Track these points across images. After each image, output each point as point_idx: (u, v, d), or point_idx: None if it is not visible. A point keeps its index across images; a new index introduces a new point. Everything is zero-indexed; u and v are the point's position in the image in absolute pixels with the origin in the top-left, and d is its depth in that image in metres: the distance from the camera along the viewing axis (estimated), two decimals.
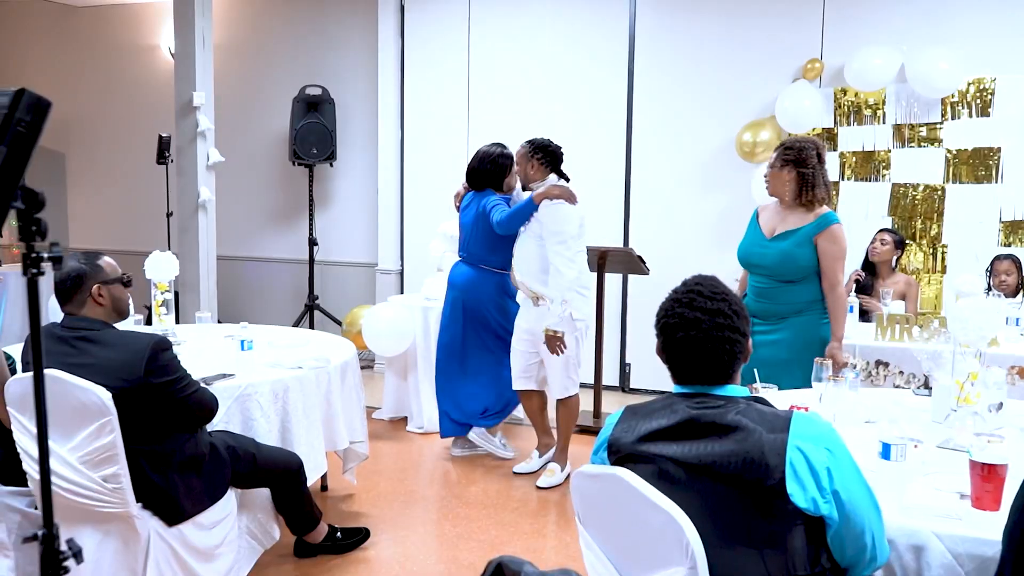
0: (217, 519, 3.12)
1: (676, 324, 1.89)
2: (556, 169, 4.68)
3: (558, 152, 4.70)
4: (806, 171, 3.84)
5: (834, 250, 3.78)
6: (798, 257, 3.80)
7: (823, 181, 3.88)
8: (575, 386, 4.74)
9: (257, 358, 3.79)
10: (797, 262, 3.81)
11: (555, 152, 4.69)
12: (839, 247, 3.79)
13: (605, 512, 1.97)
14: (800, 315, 3.86)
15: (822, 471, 1.75)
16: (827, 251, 3.78)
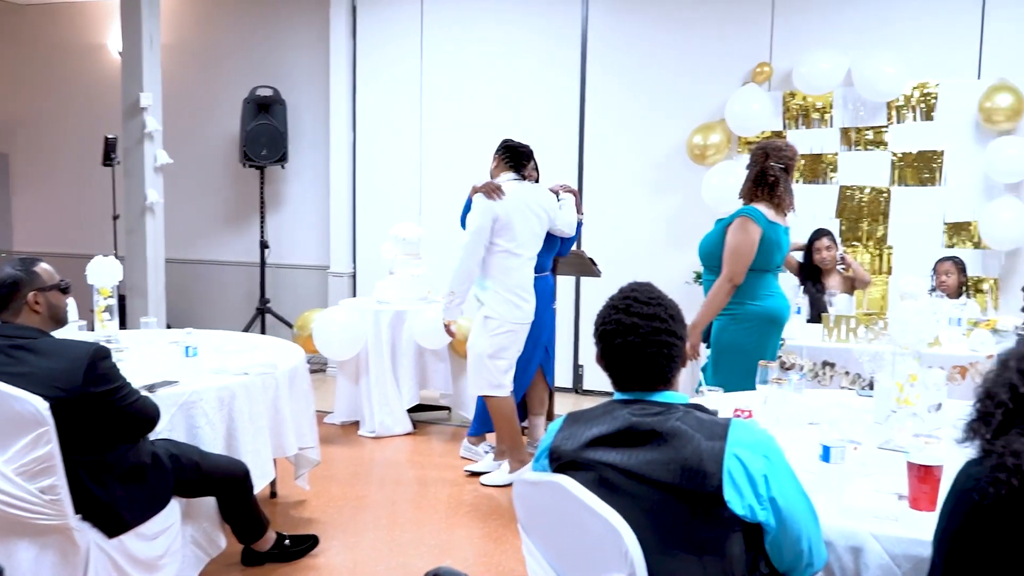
0: (160, 529, 3.06)
1: (613, 331, 1.90)
2: (516, 168, 4.67)
3: (519, 152, 4.70)
4: (762, 174, 3.95)
5: (729, 240, 3.86)
6: (709, 245, 4.00)
7: (785, 187, 3.94)
8: (493, 388, 4.63)
9: (202, 364, 3.73)
10: (706, 248, 4.02)
11: (516, 151, 4.70)
12: (734, 239, 3.83)
13: (547, 519, 1.97)
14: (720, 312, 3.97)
15: (759, 478, 1.76)
16: (726, 241, 3.88)
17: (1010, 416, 1.57)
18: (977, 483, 1.59)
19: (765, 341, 3.92)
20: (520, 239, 4.57)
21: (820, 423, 2.97)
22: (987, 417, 1.65)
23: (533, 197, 4.68)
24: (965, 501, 1.63)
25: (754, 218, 3.84)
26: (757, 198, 3.93)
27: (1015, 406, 1.57)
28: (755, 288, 3.89)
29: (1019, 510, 1.49)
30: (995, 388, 1.63)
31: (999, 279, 5.78)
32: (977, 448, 1.68)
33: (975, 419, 1.71)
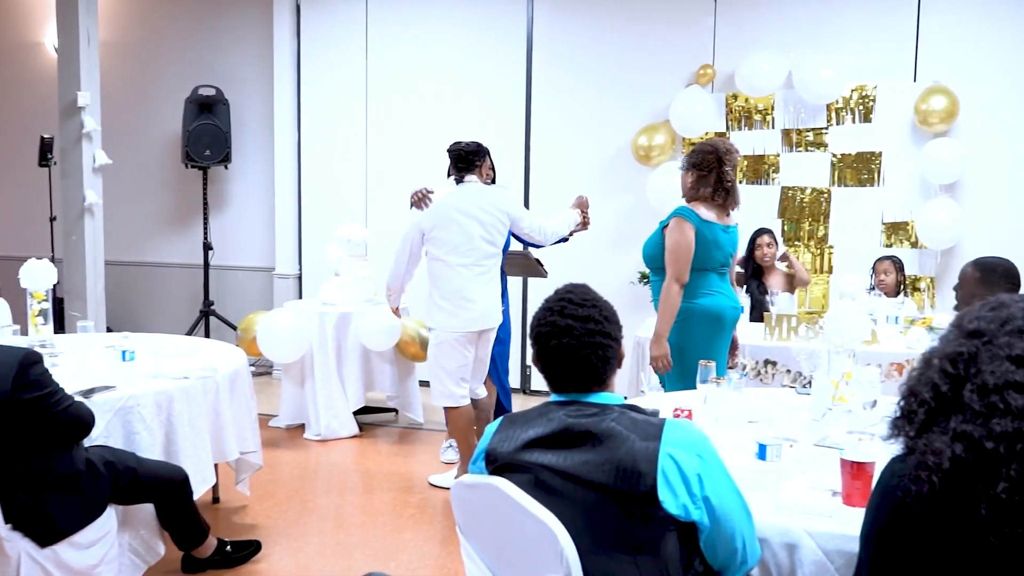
0: (95, 538, 3.00)
1: (549, 332, 1.90)
2: (458, 171, 4.57)
3: (459, 155, 4.55)
4: (705, 174, 4.00)
5: (667, 242, 3.91)
6: (650, 247, 4.06)
7: (728, 186, 4.00)
8: (444, 398, 4.58)
9: (140, 368, 3.66)
10: (648, 251, 4.07)
11: (456, 155, 4.57)
12: (671, 239, 3.89)
13: (484, 522, 1.97)
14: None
15: (693, 478, 1.78)
16: (665, 243, 3.93)
17: (932, 414, 1.60)
18: (901, 480, 1.62)
19: (710, 340, 3.94)
20: (453, 245, 4.44)
21: (758, 421, 3.02)
22: (910, 415, 1.68)
23: (474, 200, 4.50)
24: (889, 498, 1.66)
25: (687, 217, 3.89)
26: (698, 199, 3.97)
27: (937, 404, 1.59)
28: (695, 287, 3.92)
29: (939, 508, 1.52)
30: (918, 386, 1.66)
31: (935, 278, 5.92)
32: (901, 445, 1.72)
33: (899, 416, 1.73)
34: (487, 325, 4.58)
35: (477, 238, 4.47)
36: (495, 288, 4.59)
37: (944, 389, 1.58)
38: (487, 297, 4.53)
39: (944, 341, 1.69)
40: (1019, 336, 1.52)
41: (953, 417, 1.55)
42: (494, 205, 4.53)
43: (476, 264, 4.49)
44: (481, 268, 4.50)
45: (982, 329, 1.57)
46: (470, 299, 4.48)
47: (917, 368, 1.74)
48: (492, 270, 4.56)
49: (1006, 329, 1.53)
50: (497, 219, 4.54)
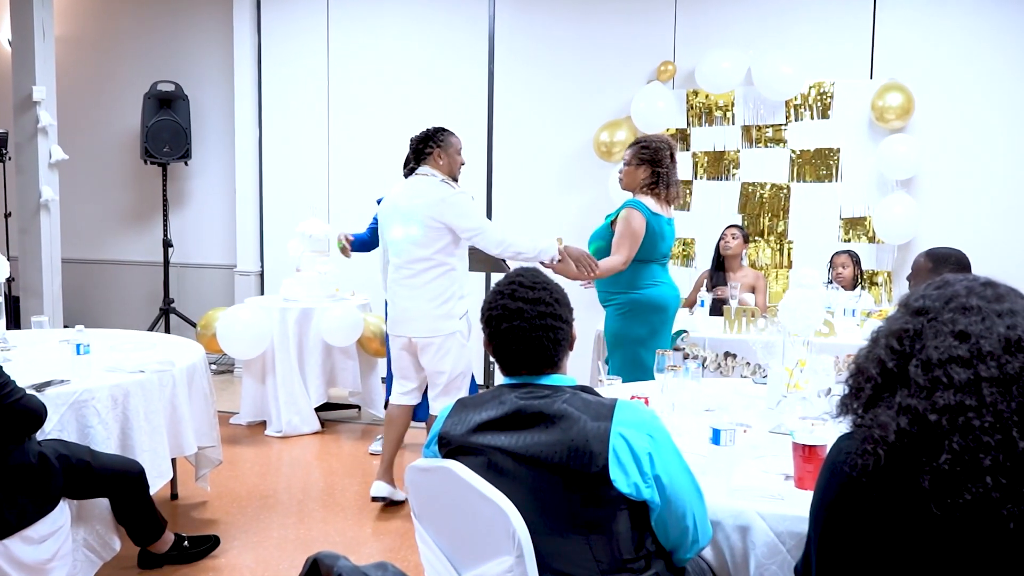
0: (48, 532, 2.95)
1: (500, 315, 1.91)
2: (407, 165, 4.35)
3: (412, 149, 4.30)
4: (660, 170, 4.08)
5: (621, 228, 4.00)
6: (598, 239, 4.15)
7: (675, 180, 4.12)
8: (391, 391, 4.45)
9: (96, 362, 3.62)
10: (595, 243, 4.14)
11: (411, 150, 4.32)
12: (625, 226, 3.98)
13: (438, 505, 1.97)
14: (607, 304, 4.16)
15: (644, 457, 1.79)
16: (617, 230, 4.02)
17: (878, 390, 1.63)
18: (848, 456, 1.64)
19: (656, 330, 4.04)
20: (387, 243, 4.28)
21: (715, 410, 3.05)
22: (857, 392, 1.70)
23: (406, 196, 4.14)
24: (837, 474, 1.68)
25: (640, 209, 4.00)
26: (645, 192, 4.08)
27: (883, 380, 1.62)
28: (641, 277, 4.03)
29: (885, 481, 1.55)
30: (865, 364, 1.68)
31: (892, 272, 6.00)
32: (849, 423, 1.74)
33: (847, 394, 1.76)
34: (408, 333, 4.16)
35: (403, 239, 4.12)
36: (425, 296, 4.09)
37: (890, 365, 1.61)
38: (410, 304, 4.12)
39: (891, 320, 1.72)
40: (963, 313, 1.55)
41: (899, 392, 1.58)
42: (422, 205, 4.05)
43: (403, 266, 4.14)
44: (408, 271, 4.11)
45: (927, 307, 1.60)
46: (392, 301, 4.24)
47: (865, 347, 1.77)
48: (421, 275, 4.09)
49: (950, 307, 1.57)
50: (425, 222, 4.04)
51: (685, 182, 6.32)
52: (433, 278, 4.09)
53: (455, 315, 4.15)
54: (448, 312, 4.13)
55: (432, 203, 4.05)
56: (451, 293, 4.13)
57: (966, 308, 1.56)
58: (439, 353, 4.15)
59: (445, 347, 4.14)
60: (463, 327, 4.19)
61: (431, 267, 4.08)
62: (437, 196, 4.06)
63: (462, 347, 4.20)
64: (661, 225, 4.06)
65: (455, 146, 4.28)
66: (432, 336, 4.13)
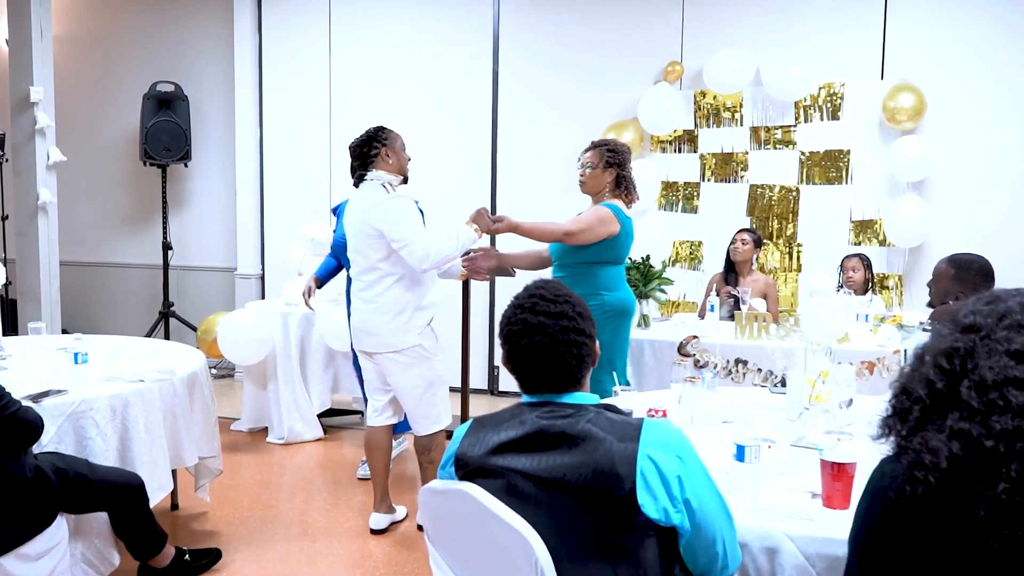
0: (44, 549, 2.86)
1: (520, 330, 1.81)
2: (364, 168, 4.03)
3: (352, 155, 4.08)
4: (624, 173, 4.12)
5: (590, 216, 4.01)
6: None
7: (634, 183, 4.21)
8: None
9: (94, 371, 3.52)
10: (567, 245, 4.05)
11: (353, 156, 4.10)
12: (596, 218, 3.98)
13: (453, 529, 1.87)
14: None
15: (673, 480, 1.70)
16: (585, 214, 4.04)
17: (927, 412, 1.53)
18: (893, 481, 1.55)
19: (618, 333, 3.99)
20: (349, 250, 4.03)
21: (733, 421, 2.96)
22: (903, 413, 1.61)
23: (353, 206, 3.95)
24: (880, 499, 1.59)
25: (616, 213, 4.00)
26: (615, 195, 4.10)
27: (932, 402, 1.53)
28: (610, 280, 4.02)
29: (935, 509, 1.46)
30: (911, 383, 1.59)
31: (903, 275, 5.91)
32: (892, 445, 1.65)
33: (890, 415, 1.67)
34: (367, 348, 3.93)
35: (352, 250, 3.94)
36: (379, 308, 3.85)
37: (940, 386, 1.52)
38: (365, 316, 3.89)
39: (938, 336, 1.63)
40: (1018, 330, 1.45)
41: (949, 415, 1.49)
42: (360, 213, 3.86)
43: (356, 278, 3.95)
44: (360, 283, 3.91)
45: (978, 324, 1.50)
46: (352, 315, 4.04)
47: (909, 364, 1.67)
48: (373, 287, 3.85)
49: (1004, 323, 1.47)
50: (364, 229, 3.84)
51: (693, 184, 6.23)
52: (385, 289, 3.84)
53: (413, 327, 3.85)
54: (404, 324, 3.84)
55: (368, 209, 3.82)
56: (405, 304, 3.84)
57: (1022, 325, 1.47)
58: (400, 368, 3.88)
59: (405, 362, 3.87)
60: (426, 340, 3.91)
61: (380, 277, 3.84)
62: (372, 202, 3.83)
63: (426, 360, 3.92)
64: (631, 227, 4.07)
65: (400, 141, 4.08)
66: (390, 351, 3.87)
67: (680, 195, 6.26)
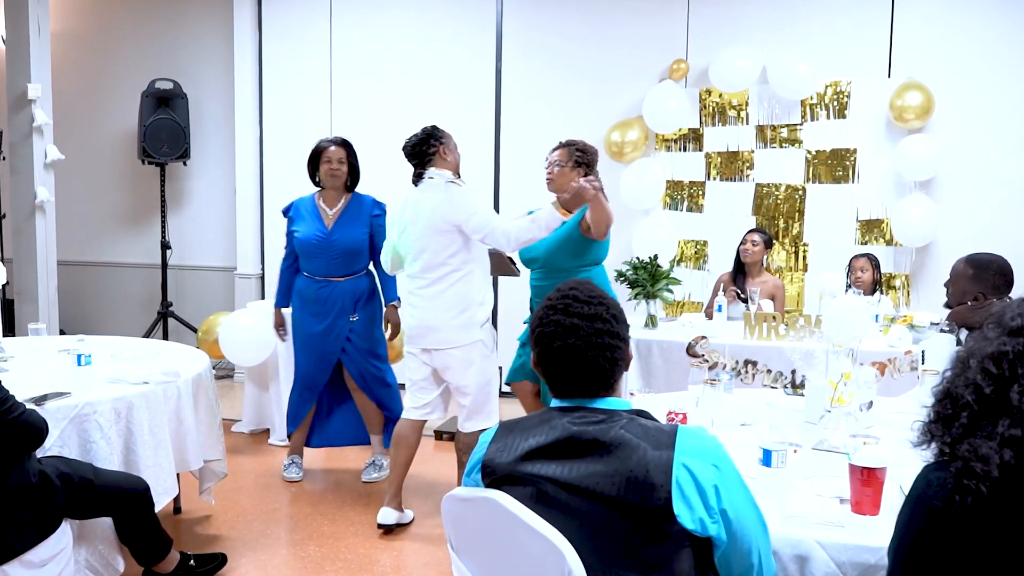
0: (48, 555, 2.79)
1: (553, 332, 1.75)
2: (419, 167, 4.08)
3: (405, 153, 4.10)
4: (592, 173, 4.16)
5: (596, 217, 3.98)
6: (566, 242, 4.08)
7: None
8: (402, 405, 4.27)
9: (97, 374, 3.45)
10: (566, 247, 4.07)
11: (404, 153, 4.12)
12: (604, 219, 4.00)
13: (480, 538, 1.81)
14: None
15: (709, 489, 1.64)
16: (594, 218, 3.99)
17: (975, 418, 1.48)
18: (939, 490, 1.50)
19: None
20: (402, 249, 4.05)
21: (752, 424, 2.91)
22: (947, 419, 1.56)
23: (419, 203, 3.97)
24: (924, 508, 1.54)
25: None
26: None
27: (980, 408, 1.48)
28: (604, 282, 4.13)
29: (985, 519, 1.40)
30: (957, 388, 1.54)
31: (910, 275, 5.86)
32: (935, 452, 1.60)
33: (932, 421, 1.62)
34: (427, 345, 3.96)
35: (415, 247, 3.96)
36: (443, 305, 3.90)
37: (988, 391, 1.47)
38: (428, 314, 3.92)
39: (982, 340, 1.57)
40: None
41: (1000, 421, 1.44)
42: (429, 209, 3.92)
43: (418, 276, 3.96)
44: (423, 280, 3.94)
45: None
46: (406, 310, 4.06)
47: (951, 369, 1.62)
48: (437, 284, 3.90)
49: None
50: (435, 226, 3.90)
51: (698, 183, 6.18)
52: (449, 286, 3.90)
53: (476, 323, 3.93)
54: (468, 320, 3.91)
55: (436, 206, 3.89)
56: (470, 299, 3.91)
57: None
58: (463, 365, 3.94)
59: (468, 359, 3.93)
60: (486, 335, 3.98)
61: (448, 273, 3.90)
62: (439, 198, 3.90)
63: (486, 358, 3.99)
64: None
65: (453, 139, 4.15)
66: (452, 347, 3.92)
67: (685, 194, 6.21)
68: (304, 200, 4.70)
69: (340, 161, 4.62)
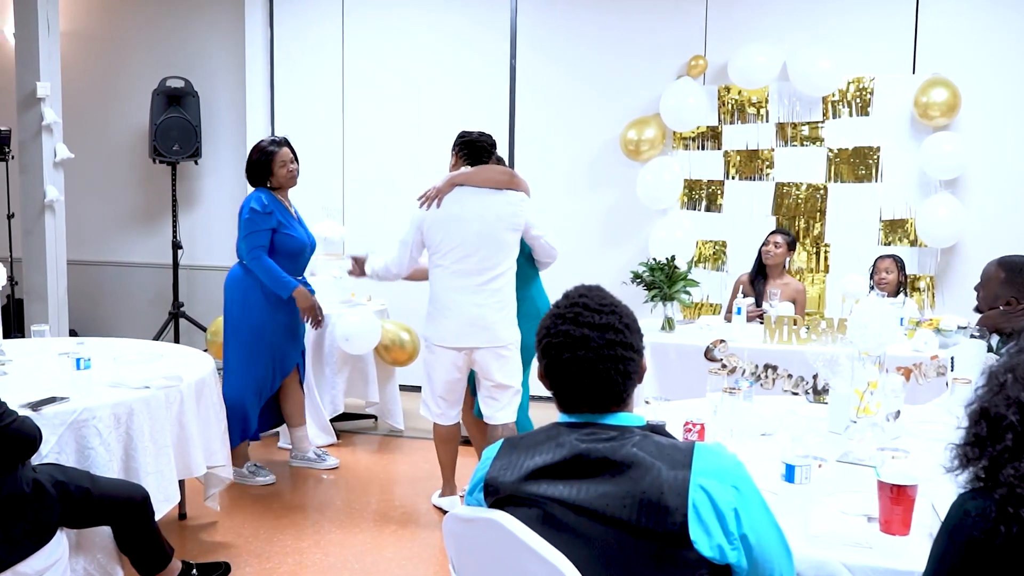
0: (44, 566, 2.70)
1: (561, 343, 1.62)
2: (473, 164, 4.09)
3: (477, 146, 4.10)
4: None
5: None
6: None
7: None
8: (425, 409, 4.18)
9: (97, 377, 3.36)
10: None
11: (473, 145, 4.10)
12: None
13: (481, 561, 1.70)
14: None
15: (729, 513, 1.52)
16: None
17: (1020, 440, 1.35)
18: (979, 520, 1.38)
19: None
20: (444, 249, 3.97)
21: (772, 434, 2.78)
22: (985, 441, 1.43)
23: (483, 199, 3.98)
24: (964, 540, 1.41)
25: None
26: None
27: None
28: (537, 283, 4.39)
29: None
30: (996, 408, 1.41)
31: (935, 277, 5.71)
32: (970, 477, 1.47)
33: (967, 443, 1.49)
34: (476, 344, 3.96)
35: (478, 244, 3.94)
36: (496, 303, 3.95)
37: None
38: (478, 311, 3.93)
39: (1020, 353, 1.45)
40: None
41: None
42: (507, 209, 3.99)
43: (472, 273, 3.95)
44: (479, 279, 3.94)
45: None
46: (449, 308, 3.98)
47: (985, 386, 1.50)
48: (493, 282, 3.95)
49: None
50: (505, 225, 3.99)
51: (716, 182, 6.05)
52: (505, 284, 3.99)
53: (515, 321, 4.04)
54: (512, 318, 4.02)
55: (503, 205, 4.00)
56: (513, 298, 4.06)
57: None
58: (503, 362, 4.01)
59: (508, 355, 4.01)
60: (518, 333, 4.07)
61: (505, 271, 3.99)
62: (506, 199, 4.02)
63: (517, 351, 4.08)
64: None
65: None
66: (497, 345, 3.97)
67: (703, 193, 6.07)
68: (267, 195, 4.54)
69: (292, 161, 4.56)
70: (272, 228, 4.52)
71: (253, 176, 4.59)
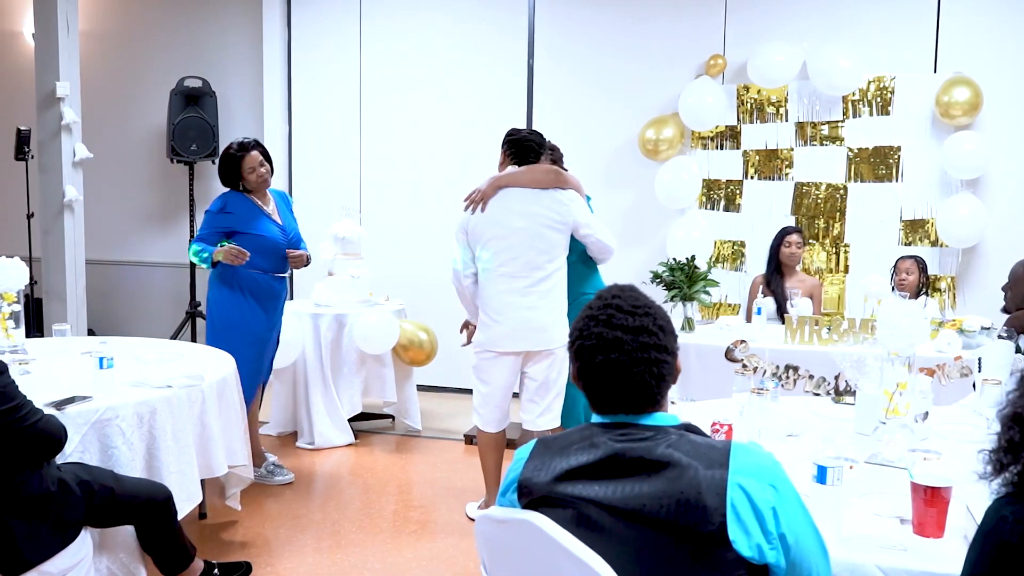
0: (68, 566, 2.70)
1: (594, 346, 1.60)
2: (520, 164, 4.04)
3: (524, 145, 4.04)
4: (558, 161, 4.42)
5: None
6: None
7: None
8: (474, 414, 4.13)
9: (120, 377, 3.36)
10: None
11: (520, 144, 4.05)
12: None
13: (515, 563, 1.69)
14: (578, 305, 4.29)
15: (767, 512, 1.50)
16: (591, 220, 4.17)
17: None
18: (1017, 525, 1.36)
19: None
20: (492, 250, 3.90)
21: (799, 435, 2.76)
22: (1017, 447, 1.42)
23: (531, 200, 3.91)
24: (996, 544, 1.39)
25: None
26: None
27: None
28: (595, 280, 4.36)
29: None
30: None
31: (956, 277, 5.66)
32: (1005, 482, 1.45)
33: (1000, 448, 1.47)
34: (529, 347, 3.93)
35: (525, 245, 3.89)
36: (548, 304, 3.91)
37: None
38: (531, 314, 3.89)
39: None
40: None
41: None
42: (554, 209, 3.93)
43: (519, 275, 3.89)
44: (528, 280, 3.89)
45: None
46: (501, 312, 3.92)
47: (1016, 390, 1.48)
48: (543, 283, 3.90)
49: None
50: (556, 223, 3.94)
51: (735, 182, 6.02)
52: (555, 284, 3.95)
53: (566, 322, 3.94)
54: (564, 319, 3.97)
55: (550, 204, 3.94)
56: (563, 298, 4.01)
57: None
58: (558, 365, 3.99)
59: (560, 356, 3.97)
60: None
61: (554, 271, 3.95)
62: (552, 197, 3.95)
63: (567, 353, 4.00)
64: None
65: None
66: (555, 347, 3.95)
67: (722, 193, 6.04)
68: (234, 197, 4.50)
69: (261, 164, 4.48)
70: (227, 229, 4.43)
71: (224, 178, 4.53)
